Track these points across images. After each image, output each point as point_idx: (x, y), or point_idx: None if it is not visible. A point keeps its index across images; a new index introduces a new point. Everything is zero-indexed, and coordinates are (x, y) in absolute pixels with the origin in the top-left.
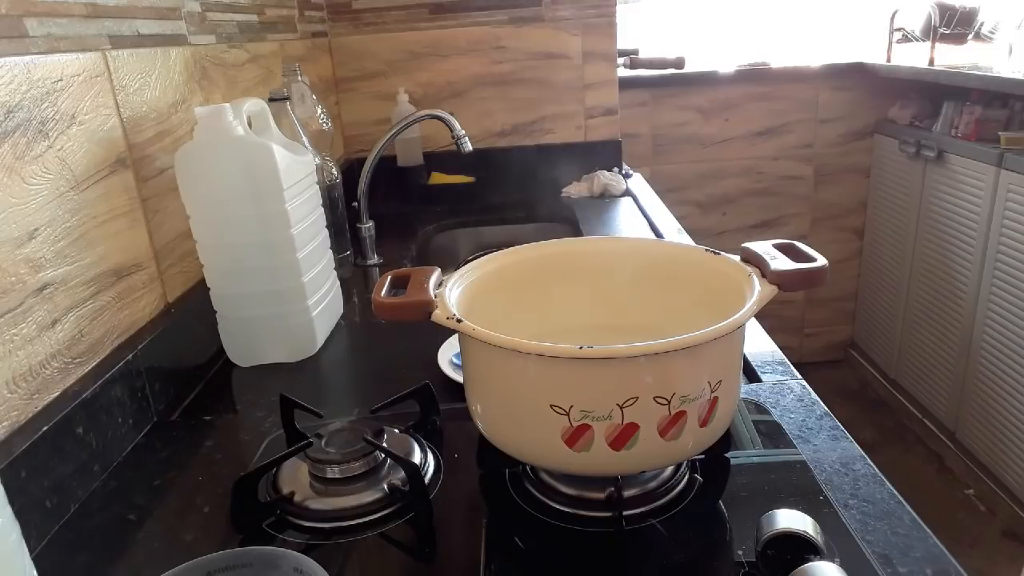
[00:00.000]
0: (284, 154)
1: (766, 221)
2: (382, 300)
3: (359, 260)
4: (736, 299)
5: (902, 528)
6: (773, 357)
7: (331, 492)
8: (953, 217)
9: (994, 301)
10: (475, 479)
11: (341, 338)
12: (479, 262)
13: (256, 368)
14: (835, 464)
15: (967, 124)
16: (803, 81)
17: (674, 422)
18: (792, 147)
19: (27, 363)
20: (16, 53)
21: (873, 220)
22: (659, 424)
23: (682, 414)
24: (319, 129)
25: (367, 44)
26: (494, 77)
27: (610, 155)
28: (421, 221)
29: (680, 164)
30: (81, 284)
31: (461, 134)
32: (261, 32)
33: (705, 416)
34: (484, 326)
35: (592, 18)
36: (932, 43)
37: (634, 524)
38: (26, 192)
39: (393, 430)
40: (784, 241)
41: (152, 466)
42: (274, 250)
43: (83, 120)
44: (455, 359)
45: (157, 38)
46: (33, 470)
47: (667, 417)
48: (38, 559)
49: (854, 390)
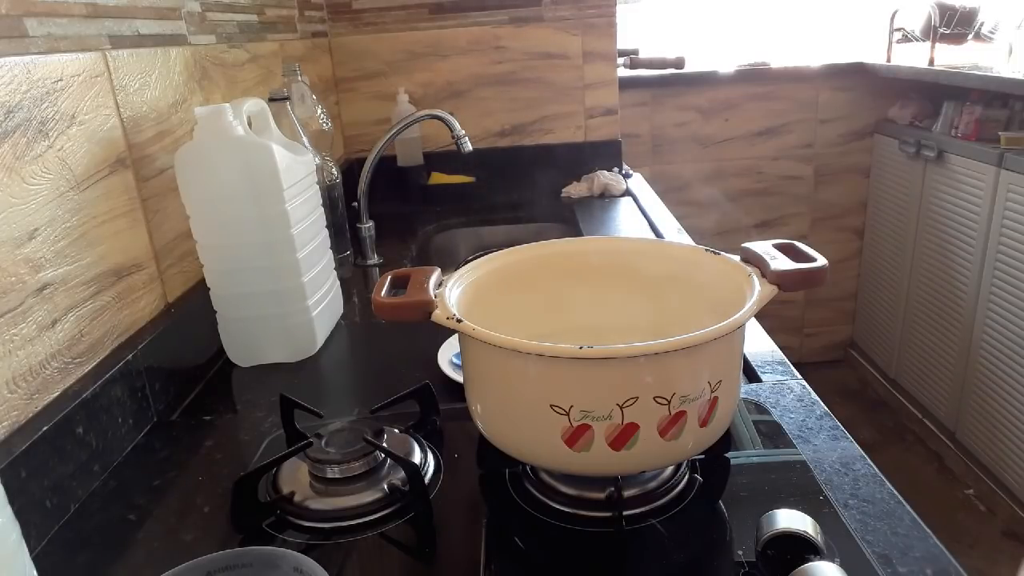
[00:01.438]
0: (284, 154)
1: (766, 221)
2: (382, 300)
3: (359, 260)
4: (736, 299)
5: (902, 528)
6: (773, 357)
7: (331, 492)
8: (953, 217)
9: (994, 301)
10: (475, 479)
11: (341, 338)
12: (479, 262)
13: (256, 368)
14: (835, 464)
15: (967, 124)
16: (803, 81)
17: (674, 422)
18: (792, 147)
19: (27, 363)
20: (16, 53)
21: (873, 220)
22: (659, 424)
23: (682, 414)
24: (319, 129)
25: (367, 44)
26: (494, 77)
27: (610, 155)
28: (421, 221)
29: (680, 164)
30: (81, 284)
31: (461, 134)
32: (261, 32)
33: (705, 416)
34: (484, 326)
35: (592, 18)
36: (932, 43)
37: (634, 524)
38: (26, 192)
39: (393, 430)
40: (784, 241)
41: (152, 466)
42: (274, 250)
43: (83, 120)
44: (455, 359)
45: (157, 38)
46: (33, 470)
47: (667, 417)
48: (38, 559)
49: (854, 390)
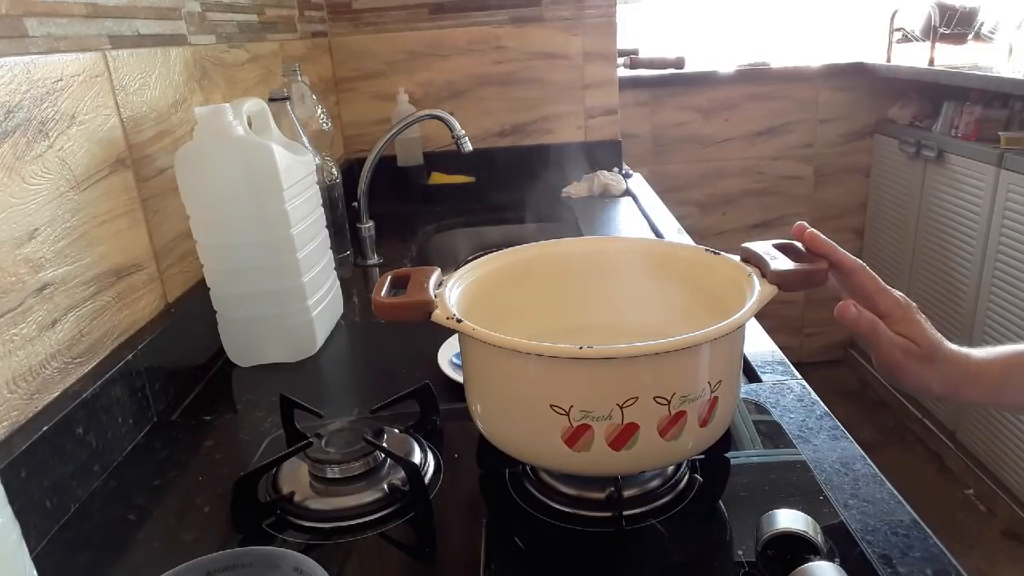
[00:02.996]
0: (284, 154)
1: (766, 221)
2: (382, 300)
3: (359, 260)
4: (736, 299)
5: (902, 528)
6: (773, 357)
7: (331, 492)
8: (953, 217)
9: (994, 301)
10: (475, 479)
11: (341, 338)
12: (479, 262)
13: (256, 368)
14: (835, 464)
15: (967, 124)
16: (803, 81)
17: (674, 422)
18: (792, 147)
19: (27, 363)
20: (16, 53)
21: (873, 220)
22: (659, 424)
23: (682, 414)
24: (319, 129)
25: (367, 44)
26: (494, 77)
27: (610, 155)
28: (421, 221)
29: (680, 164)
30: (81, 284)
31: (461, 134)
32: (261, 32)
33: (705, 416)
34: (484, 326)
35: (592, 18)
36: (932, 43)
37: (634, 524)
38: (26, 192)
39: (393, 430)
40: (784, 241)
41: (152, 466)
42: (274, 250)
43: (83, 120)
44: (455, 359)
45: (157, 38)
46: (33, 470)
47: (667, 417)
48: (38, 559)
49: (854, 390)
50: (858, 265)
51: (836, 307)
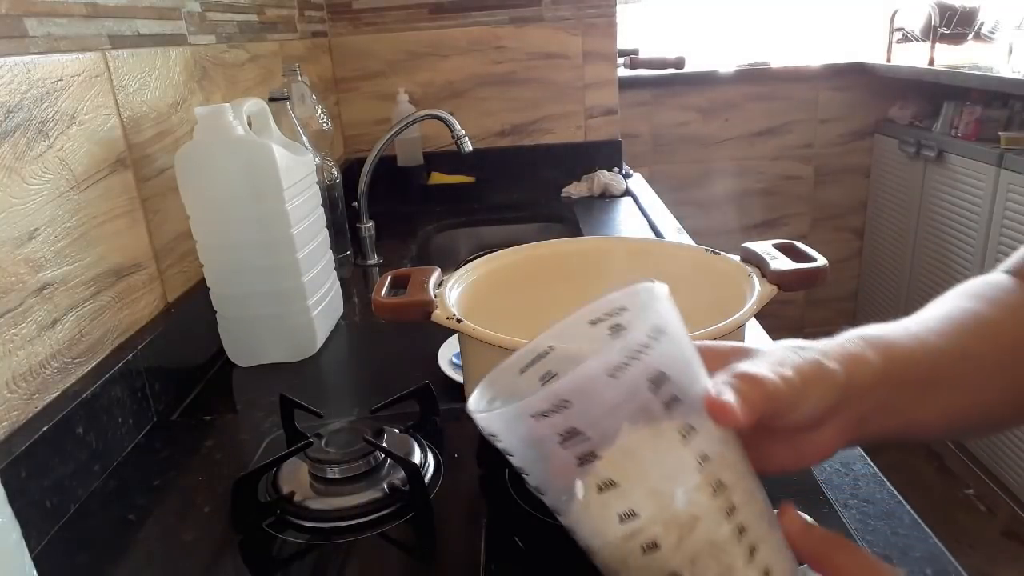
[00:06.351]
0: (284, 154)
1: (766, 221)
2: (382, 300)
3: (359, 260)
4: (736, 299)
5: (902, 528)
6: None
7: (331, 492)
8: (953, 217)
9: None
10: (475, 479)
11: (341, 338)
12: (479, 262)
13: (256, 368)
14: (835, 464)
15: (967, 124)
16: (803, 81)
17: None
18: (792, 147)
19: (27, 363)
20: (16, 53)
21: (873, 220)
22: None
23: None
24: (319, 129)
25: (367, 44)
26: (494, 77)
27: (610, 155)
28: (421, 221)
29: (680, 164)
30: (81, 284)
31: (461, 134)
32: (261, 32)
33: None
34: (484, 326)
35: (592, 18)
36: (932, 43)
37: None
38: (26, 192)
39: (393, 430)
40: (784, 241)
41: (152, 466)
42: (274, 250)
43: (83, 120)
44: (455, 359)
45: (157, 38)
46: (33, 470)
47: None
48: (38, 559)
49: None
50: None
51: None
